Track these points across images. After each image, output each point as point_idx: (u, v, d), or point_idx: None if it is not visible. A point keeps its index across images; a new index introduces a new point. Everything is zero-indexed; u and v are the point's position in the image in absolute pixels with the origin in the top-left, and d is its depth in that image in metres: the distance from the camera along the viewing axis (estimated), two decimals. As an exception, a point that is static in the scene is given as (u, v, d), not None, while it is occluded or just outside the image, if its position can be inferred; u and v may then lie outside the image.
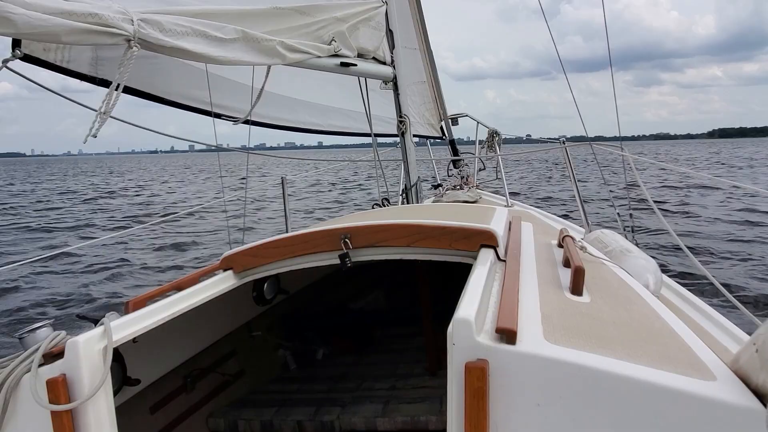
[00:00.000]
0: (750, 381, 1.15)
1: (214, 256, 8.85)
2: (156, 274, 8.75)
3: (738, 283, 6.77)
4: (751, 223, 10.93)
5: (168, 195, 26.01)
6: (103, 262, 9.72)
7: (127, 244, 11.09)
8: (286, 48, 2.47)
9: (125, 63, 1.91)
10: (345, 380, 2.99)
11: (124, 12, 1.90)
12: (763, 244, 8.99)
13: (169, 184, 35.23)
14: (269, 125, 4.14)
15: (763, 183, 20.47)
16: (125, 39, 1.88)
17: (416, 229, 2.01)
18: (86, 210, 19.72)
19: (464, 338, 1.20)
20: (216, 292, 2.12)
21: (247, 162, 3.84)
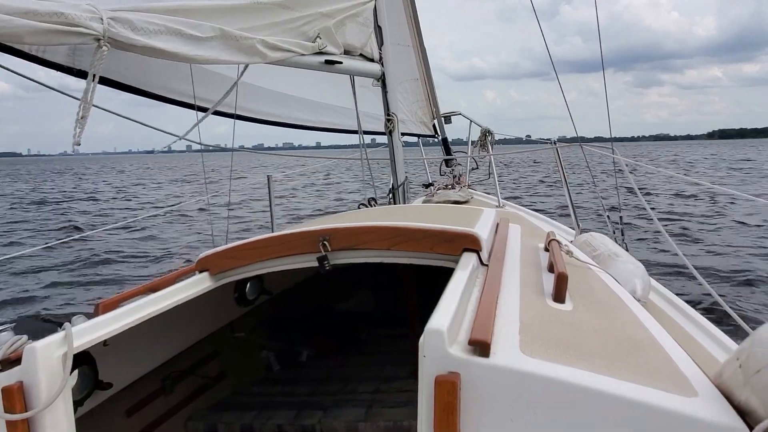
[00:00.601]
0: (733, 397, 1.11)
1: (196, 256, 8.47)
2: (133, 274, 8.39)
3: (730, 290, 6.74)
4: (747, 227, 10.85)
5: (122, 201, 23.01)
6: (77, 261, 9.23)
7: (104, 242, 10.48)
8: (267, 46, 2.40)
9: (95, 63, 1.84)
10: (329, 382, 2.95)
11: (92, 10, 1.83)
12: (757, 250, 8.94)
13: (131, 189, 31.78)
14: (258, 120, 4.06)
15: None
16: (94, 38, 1.82)
17: (397, 232, 1.96)
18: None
19: (435, 350, 1.15)
20: (191, 294, 2.07)
21: (231, 161, 3.77)
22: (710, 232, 10.73)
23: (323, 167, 22.10)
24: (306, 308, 3.47)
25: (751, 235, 10.28)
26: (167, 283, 2.13)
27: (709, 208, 14.11)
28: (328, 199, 19.18)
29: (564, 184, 3.96)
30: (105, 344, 1.73)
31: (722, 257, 8.46)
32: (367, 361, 3.21)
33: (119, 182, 37.63)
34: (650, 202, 15.06)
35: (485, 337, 1.15)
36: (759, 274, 7.30)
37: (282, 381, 3.02)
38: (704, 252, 8.95)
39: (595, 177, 4.61)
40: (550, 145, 4.10)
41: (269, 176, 4.22)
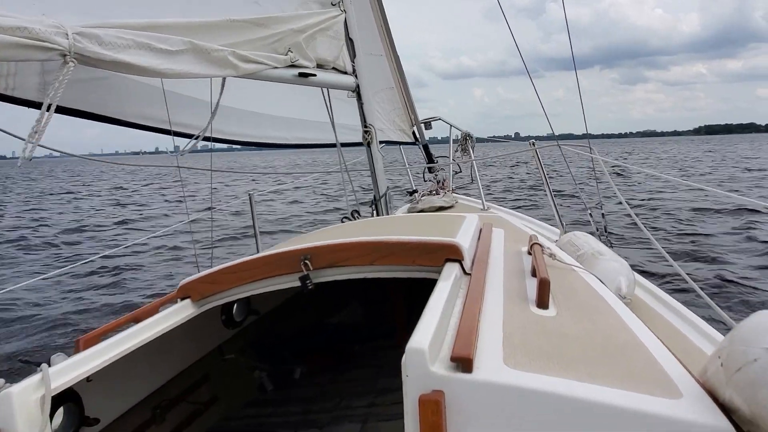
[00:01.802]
0: (717, 396, 1.11)
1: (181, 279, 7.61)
2: (112, 304, 7.70)
3: (715, 281, 6.81)
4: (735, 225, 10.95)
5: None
6: (55, 294, 8.34)
7: (80, 272, 9.36)
8: (239, 58, 2.38)
9: (61, 80, 1.81)
10: (323, 399, 2.92)
11: (58, 26, 1.80)
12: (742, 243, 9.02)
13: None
14: (232, 141, 4.04)
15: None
16: (60, 54, 1.79)
17: (377, 247, 1.94)
18: None
19: (417, 369, 1.13)
20: (175, 322, 2.03)
21: (211, 181, 3.72)
22: (695, 227, 10.85)
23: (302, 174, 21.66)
24: (296, 325, 3.43)
25: (736, 231, 10.41)
26: (150, 313, 2.09)
27: (689, 203, 14.25)
28: (312, 202, 18.99)
29: (545, 184, 3.98)
30: (88, 380, 1.69)
31: (707, 254, 8.56)
32: (360, 374, 3.18)
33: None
34: (633, 198, 15.20)
35: (467, 352, 1.14)
36: (740, 269, 7.37)
37: (275, 401, 2.97)
38: (689, 249, 9.05)
39: (576, 175, 4.63)
40: (529, 146, 4.12)
41: (251, 194, 4.18)
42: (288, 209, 16.97)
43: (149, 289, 8.35)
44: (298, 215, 15.80)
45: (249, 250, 4.88)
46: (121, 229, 15.10)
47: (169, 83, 3.18)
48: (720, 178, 22.05)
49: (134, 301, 7.63)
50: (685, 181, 3.03)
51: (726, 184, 18.99)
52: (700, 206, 13.34)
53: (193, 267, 4.86)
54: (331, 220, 13.40)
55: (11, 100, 2.63)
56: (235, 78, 2.61)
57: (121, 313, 6.56)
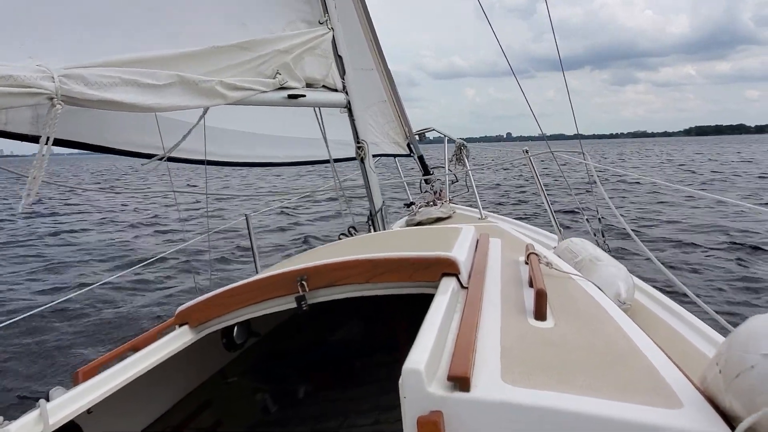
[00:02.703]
0: (717, 403, 1.11)
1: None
2: (109, 333, 7.36)
3: (712, 284, 6.78)
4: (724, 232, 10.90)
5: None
6: (48, 326, 7.74)
7: (76, 302, 8.81)
8: (227, 87, 2.39)
9: (50, 122, 1.82)
10: (327, 418, 2.90)
11: (43, 70, 1.81)
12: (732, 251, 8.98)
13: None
14: (226, 163, 4.05)
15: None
16: (47, 97, 1.80)
17: (373, 264, 1.94)
18: None
19: (415, 390, 1.13)
20: (175, 348, 2.03)
21: (207, 203, 3.72)
22: (681, 231, 10.83)
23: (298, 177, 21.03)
24: (297, 344, 3.42)
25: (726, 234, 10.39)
26: (148, 341, 2.09)
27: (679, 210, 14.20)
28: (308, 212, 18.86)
29: (540, 191, 3.98)
30: (89, 412, 1.69)
31: (696, 254, 8.53)
32: (364, 392, 3.16)
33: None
34: (627, 203, 15.15)
35: (464, 371, 1.14)
36: (734, 271, 7.35)
37: (280, 422, 2.96)
38: (678, 251, 9.02)
39: (569, 178, 4.63)
40: (523, 154, 4.12)
41: (247, 216, 4.18)
42: (286, 228, 16.90)
43: (148, 316, 8.11)
44: (297, 233, 15.70)
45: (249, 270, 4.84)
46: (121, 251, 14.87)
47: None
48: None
49: (132, 328, 7.39)
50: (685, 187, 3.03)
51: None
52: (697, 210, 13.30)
53: (192, 290, 4.81)
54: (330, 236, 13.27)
55: (5, 135, 2.64)
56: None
57: (119, 342, 6.38)
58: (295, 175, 33.62)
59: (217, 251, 12.20)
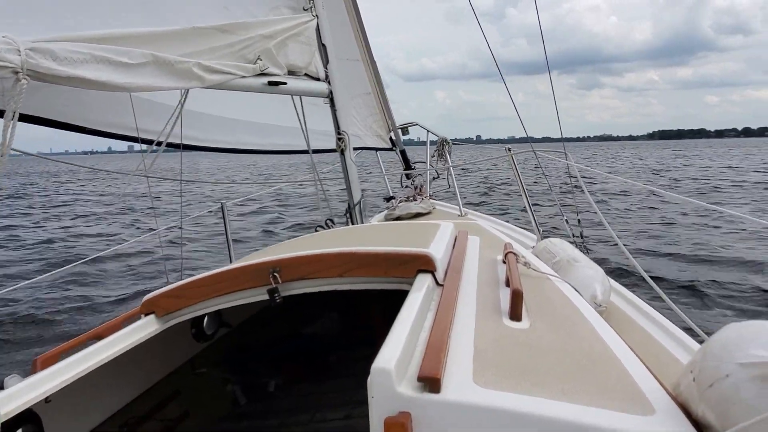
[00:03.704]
0: (690, 411, 1.10)
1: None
2: (72, 321, 7.11)
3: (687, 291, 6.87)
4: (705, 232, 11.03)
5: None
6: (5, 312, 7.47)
7: (40, 288, 8.57)
8: (204, 69, 2.31)
9: (15, 98, 1.74)
10: (299, 412, 2.86)
11: (9, 42, 1.73)
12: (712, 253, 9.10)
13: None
14: (205, 148, 3.96)
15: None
16: (12, 71, 1.72)
17: (348, 258, 1.89)
18: None
19: (383, 390, 1.09)
20: (140, 338, 1.97)
21: (181, 191, 3.63)
22: (663, 234, 10.97)
23: (272, 165, 20.85)
24: (270, 337, 3.36)
25: (707, 237, 10.54)
26: (112, 329, 2.03)
27: (656, 212, 14.36)
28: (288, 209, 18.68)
29: (522, 190, 3.97)
30: (47, 401, 1.62)
31: (674, 261, 8.64)
32: (337, 385, 3.13)
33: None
34: (605, 204, 15.31)
35: (435, 372, 1.10)
36: (710, 278, 7.46)
37: (250, 415, 2.91)
38: (659, 254, 9.13)
39: (549, 178, 4.64)
40: (506, 151, 4.11)
41: (223, 204, 4.10)
42: (262, 218, 16.68)
43: (114, 304, 7.85)
44: (273, 223, 15.49)
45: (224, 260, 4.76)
46: (86, 241, 14.45)
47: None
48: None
49: (96, 317, 7.17)
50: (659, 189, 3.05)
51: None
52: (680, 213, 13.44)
53: (162, 280, 4.67)
54: (307, 227, 13.09)
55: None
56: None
57: (82, 331, 6.02)
58: (272, 165, 33.03)
59: (190, 240, 11.96)
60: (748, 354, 1.02)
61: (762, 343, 1.03)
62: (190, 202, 16.79)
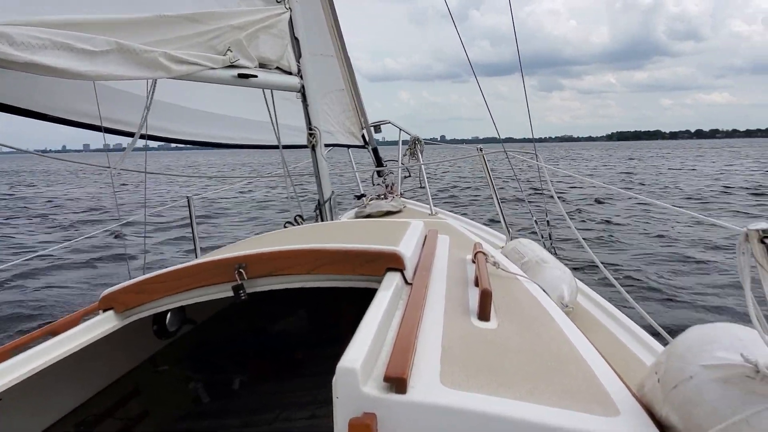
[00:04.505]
0: (654, 412, 1.11)
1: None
2: (26, 317, 6.83)
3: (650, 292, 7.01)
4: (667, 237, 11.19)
5: None
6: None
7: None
8: (171, 59, 2.24)
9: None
10: (263, 411, 2.82)
11: None
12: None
13: None
14: (172, 140, 3.86)
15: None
16: None
17: (316, 255, 1.86)
18: None
19: (348, 390, 1.07)
20: (97, 334, 1.90)
21: (145, 183, 3.53)
22: (629, 235, 11.19)
23: (246, 165, 20.62)
24: (236, 333, 3.30)
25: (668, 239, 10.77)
26: (69, 325, 1.95)
27: (627, 211, 14.60)
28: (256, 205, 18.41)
29: (492, 189, 3.99)
30: None
31: (641, 261, 8.81)
32: (303, 384, 3.09)
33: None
34: (573, 205, 15.53)
35: (401, 372, 1.08)
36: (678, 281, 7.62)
37: (212, 413, 2.85)
38: (626, 255, 9.32)
39: (519, 179, 4.68)
40: (477, 151, 4.13)
41: (189, 198, 4.01)
42: (231, 213, 16.42)
43: (71, 300, 7.55)
44: (241, 220, 15.24)
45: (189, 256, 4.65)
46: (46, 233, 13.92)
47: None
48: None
49: (53, 313, 6.89)
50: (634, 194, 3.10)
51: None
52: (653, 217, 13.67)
53: (124, 274, 4.51)
54: (276, 223, 12.90)
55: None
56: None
57: (35, 327, 5.69)
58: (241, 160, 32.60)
59: (154, 234, 11.63)
60: (711, 356, 1.03)
61: (725, 345, 1.04)
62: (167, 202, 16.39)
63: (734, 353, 1.01)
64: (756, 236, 1.24)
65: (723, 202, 16.81)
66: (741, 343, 1.04)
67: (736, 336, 1.07)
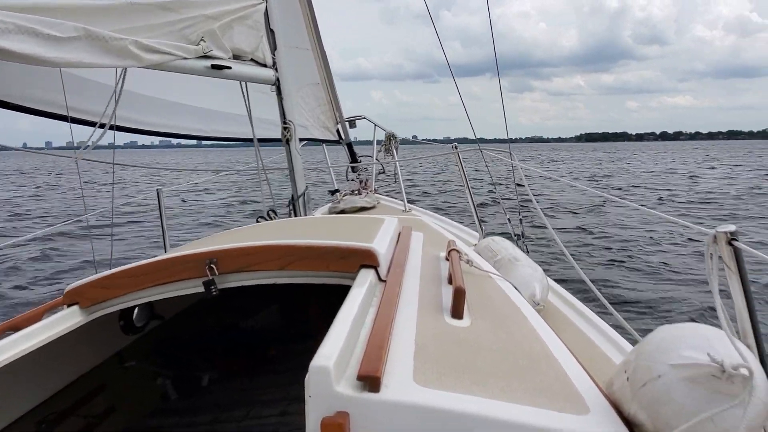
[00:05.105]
0: (623, 410, 1.13)
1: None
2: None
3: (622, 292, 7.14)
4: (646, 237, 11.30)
5: None
6: None
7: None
8: (142, 48, 2.18)
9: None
10: (232, 407, 2.78)
11: None
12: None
13: None
14: (141, 131, 3.76)
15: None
16: None
17: (289, 251, 1.84)
18: None
19: (321, 388, 1.06)
20: (61, 330, 1.84)
21: (113, 176, 3.44)
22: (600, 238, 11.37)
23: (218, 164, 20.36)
24: (206, 329, 3.25)
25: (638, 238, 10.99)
26: (31, 321, 1.89)
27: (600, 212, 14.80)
28: (228, 200, 18.14)
29: (466, 187, 4.01)
30: None
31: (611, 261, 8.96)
32: (274, 380, 3.07)
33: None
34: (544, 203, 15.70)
35: (375, 370, 1.08)
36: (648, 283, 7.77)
37: (180, 410, 2.80)
38: (597, 255, 9.48)
39: (493, 177, 4.72)
40: (452, 149, 4.14)
41: (159, 190, 3.92)
42: (202, 208, 16.14)
43: (34, 294, 7.36)
44: (213, 215, 14.99)
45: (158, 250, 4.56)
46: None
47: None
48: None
49: (15, 308, 6.67)
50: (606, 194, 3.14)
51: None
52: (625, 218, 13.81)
53: (90, 269, 4.38)
54: (248, 217, 12.72)
55: None
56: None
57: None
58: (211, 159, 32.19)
59: (122, 227, 11.33)
60: (679, 355, 1.05)
61: (692, 345, 1.07)
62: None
63: (701, 353, 1.03)
64: (724, 238, 1.27)
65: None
66: (708, 342, 1.06)
67: (704, 336, 1.09)
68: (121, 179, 27.18)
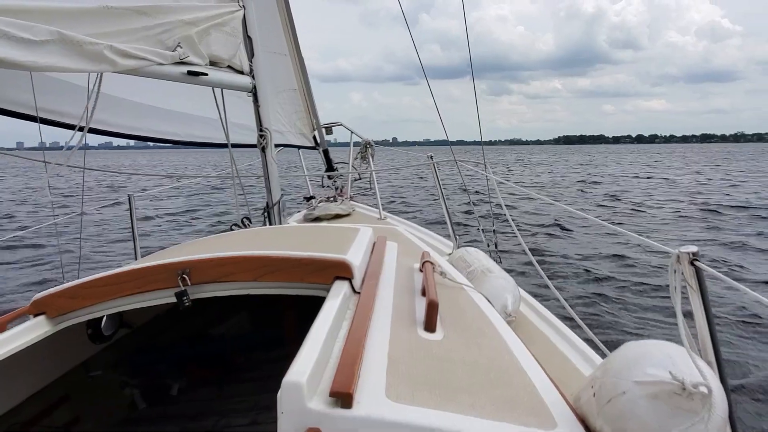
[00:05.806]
0: (589, 424, 1.17)
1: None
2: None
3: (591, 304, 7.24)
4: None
5: None
6: None
7: None
8: (117, 53, 2.15)
9: None
10: (201, 417, 2.74)
11: None
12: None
13: None
14: (114, 134, 3.69)
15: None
16: None
17: (263, 262, 1.83)
18: None
19: (293, 405, 1.06)
20: (26, 341, 1.80)
21: (83, 180, 3.36)
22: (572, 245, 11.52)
23: (191, 166, 20.02)
24: (175, 337, 3.20)
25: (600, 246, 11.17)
26: None
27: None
28: (201, 206, 17.89)
29: (441, 198, 4.05)
30: None
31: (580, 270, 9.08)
32: (244, 389, 3.03)
33: None
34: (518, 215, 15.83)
35: (347, 387, 1.09)
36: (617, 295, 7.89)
37: (148, 420, 2.75)
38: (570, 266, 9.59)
39: (468, 188, 4.77)
40: (428, 159, 4.17)
41: (130, 196, 3.85)
42: (175, 214, 15.85)
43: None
44: (185, 221, 14.74)
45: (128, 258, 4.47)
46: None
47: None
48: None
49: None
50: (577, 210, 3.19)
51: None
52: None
53: (58, 277, 4.27)
54: (222, 225, 12.55)
55: None
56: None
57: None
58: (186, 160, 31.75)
59: (90, 234, 11.03)
60: (643, 372, 1.09)
61: (655, 363, 1.10)
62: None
63: (664, 370, 1.06)
64: (687, 258, 1.32)
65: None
66: (671, 360, 1.10)
67: (667, 354, 1.13)
68: (99, 181, 26.47)
